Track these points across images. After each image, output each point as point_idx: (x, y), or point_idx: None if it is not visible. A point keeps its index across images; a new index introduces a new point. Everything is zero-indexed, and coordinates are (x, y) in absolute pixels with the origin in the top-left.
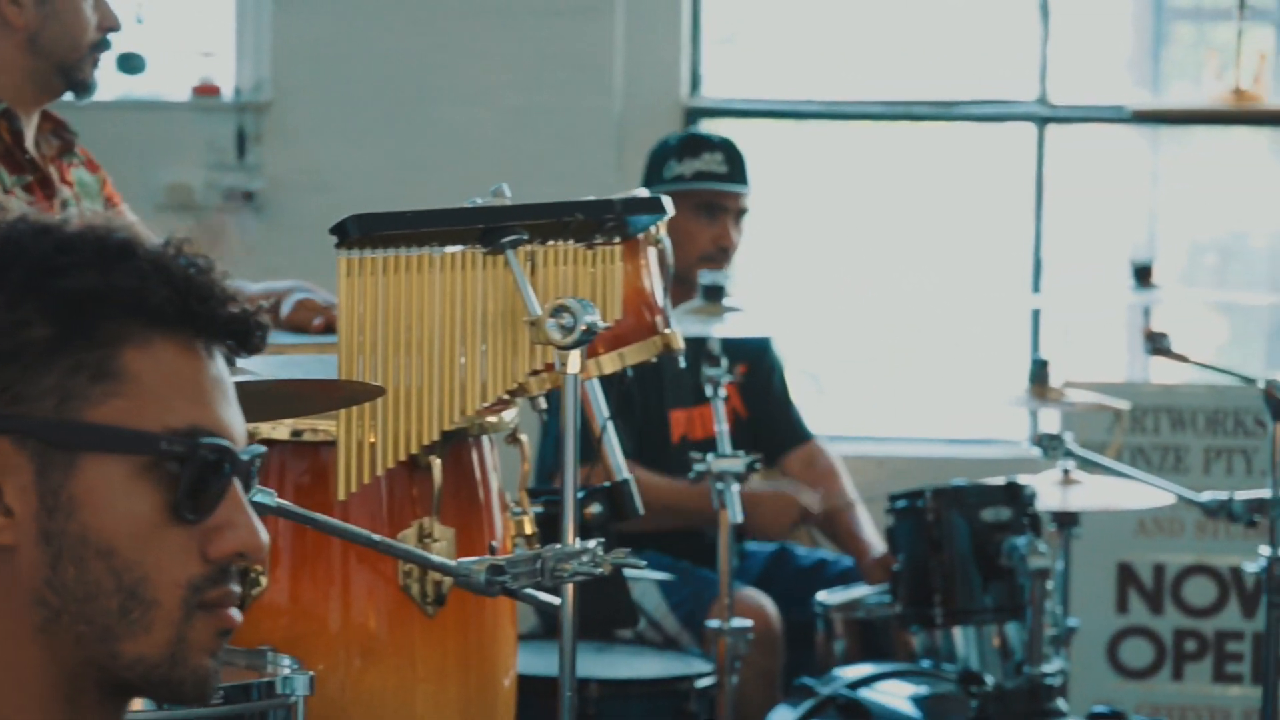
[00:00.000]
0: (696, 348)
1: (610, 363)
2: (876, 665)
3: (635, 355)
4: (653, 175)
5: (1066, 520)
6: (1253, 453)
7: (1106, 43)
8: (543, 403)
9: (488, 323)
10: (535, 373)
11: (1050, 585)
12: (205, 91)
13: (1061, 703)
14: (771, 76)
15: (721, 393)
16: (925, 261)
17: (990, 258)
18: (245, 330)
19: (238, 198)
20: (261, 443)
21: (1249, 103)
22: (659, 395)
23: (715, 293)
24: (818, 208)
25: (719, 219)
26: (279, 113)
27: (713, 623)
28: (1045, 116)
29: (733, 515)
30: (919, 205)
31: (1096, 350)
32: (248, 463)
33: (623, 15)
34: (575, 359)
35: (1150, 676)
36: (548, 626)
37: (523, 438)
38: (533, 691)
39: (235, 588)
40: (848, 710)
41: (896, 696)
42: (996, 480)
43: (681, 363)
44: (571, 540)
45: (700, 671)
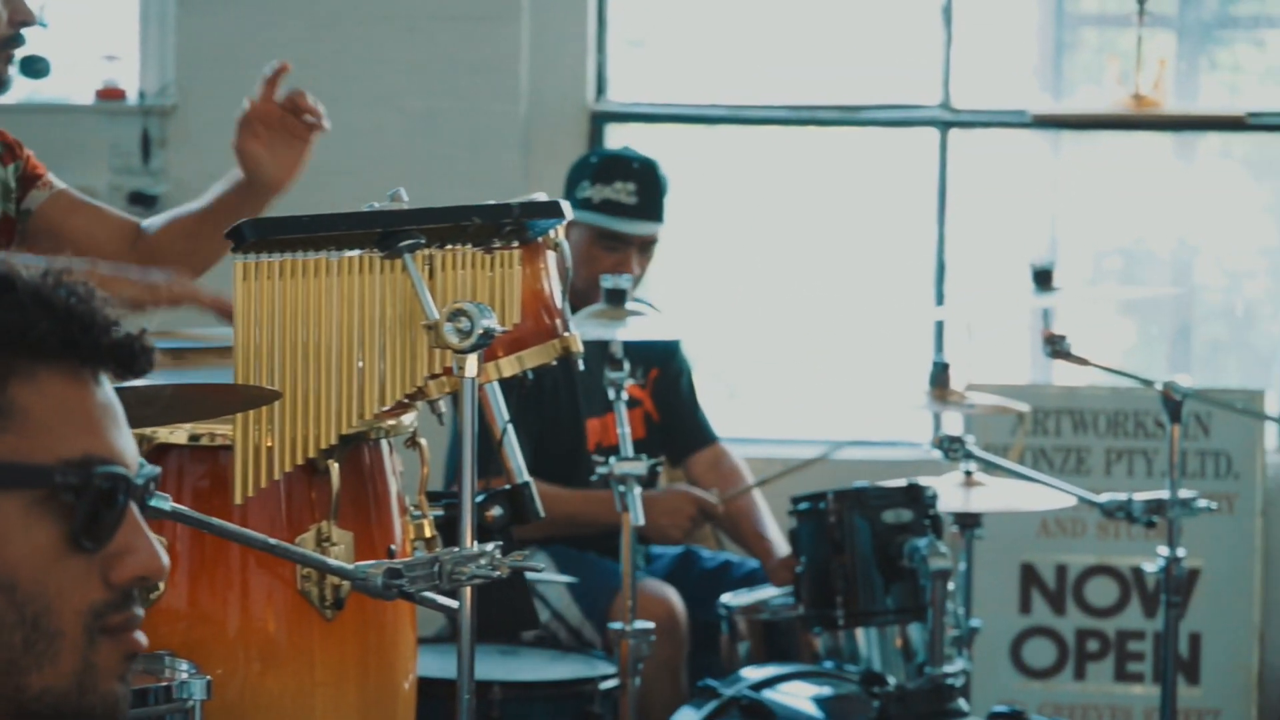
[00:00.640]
0: (600, 352)
1: (509, 366)
2: (780, 666)
3: (534, 358)
4: (569, 189)
5: (969, 522)
6: (1153, 454)
7: (1010, 48)
8: (442, 406)
9: (386, 327)
10: (434, 376)
11: (952, 586)
12: (110, 95)
13: (963, 703)
14: (678, 81)
15: (624, 395)
16: (829, 265)
17: (894, 261)
18: (130, 355)
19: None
20: (159, 447)
21: (1149, 108)
22: (574, 405)
23: (617, 296)
24: (723, 212)
25: (620, 250)
26: (184, 116)
27: (615, 624)
28: (948, 121)
29: (635, 518)
30: (824, 209)
31: (999, 353)
32: (143, 486)
33: (529, 19)
34: (473, 363)
35: (1053, 676)
36: (455, 629)
37: (422, 441)
38: (436, 695)
39: (139, 611)
40: (751, 711)
41: (799, 698)
42: (898, 482)
43: (580, 365)
44: (470, 543)
45: (604, 674)
